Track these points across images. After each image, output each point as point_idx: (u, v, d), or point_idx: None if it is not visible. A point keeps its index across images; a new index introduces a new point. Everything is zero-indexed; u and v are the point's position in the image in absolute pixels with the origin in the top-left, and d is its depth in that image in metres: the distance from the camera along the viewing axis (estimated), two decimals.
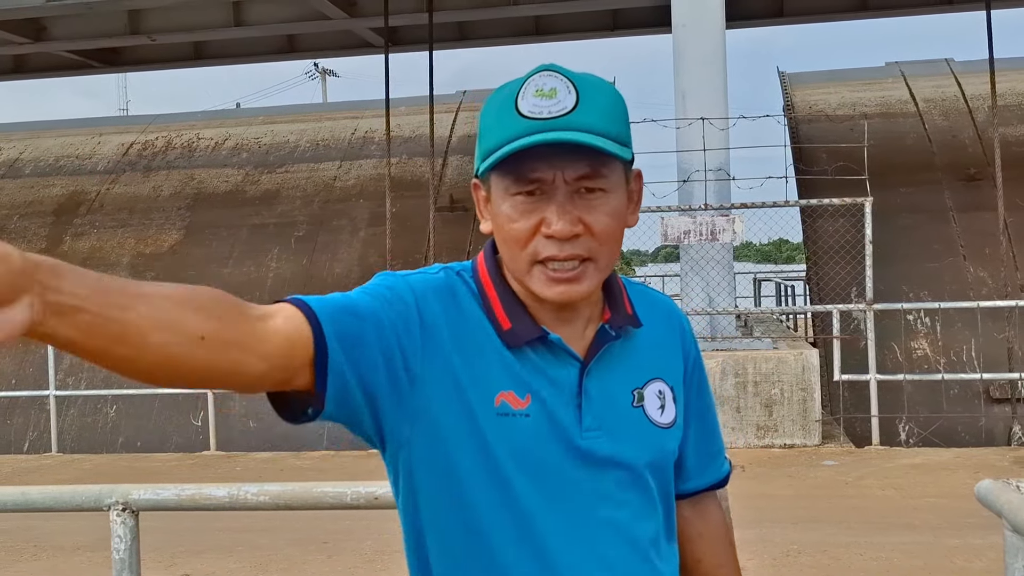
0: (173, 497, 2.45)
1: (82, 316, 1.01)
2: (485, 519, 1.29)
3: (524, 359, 1.32)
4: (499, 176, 1.30)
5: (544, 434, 1.29)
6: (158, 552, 6.16)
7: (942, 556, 5.65)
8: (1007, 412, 10.81)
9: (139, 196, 15.99)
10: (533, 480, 1.29)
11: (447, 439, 1.29)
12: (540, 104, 1.26)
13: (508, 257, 1.33)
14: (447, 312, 1.31)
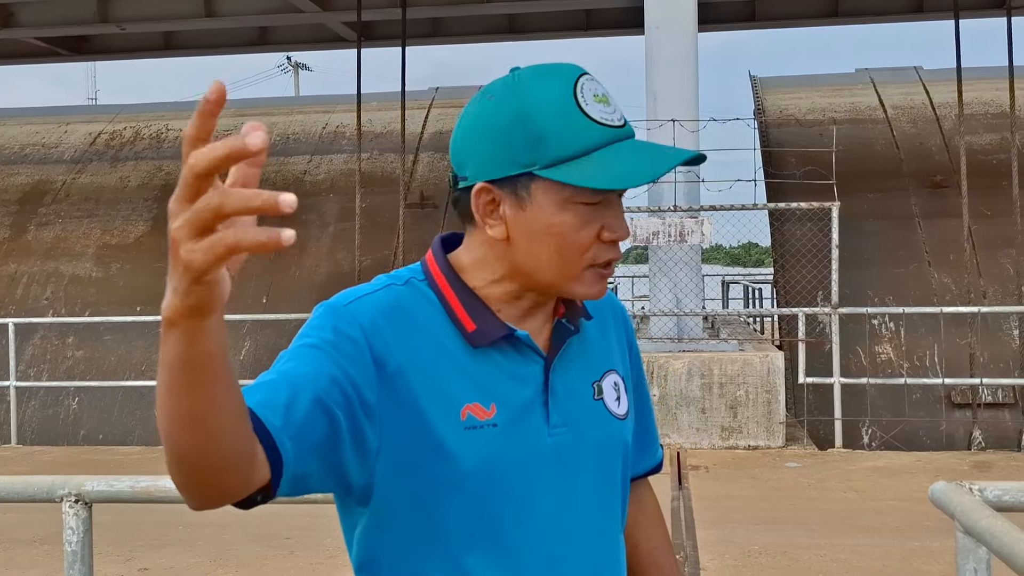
0: (128, 489, 2.42)
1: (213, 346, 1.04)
2: (456, 534, 1.28)
3: (488, 361, 1.31)
4: (560, 184, 1.26)
5: (512, 441, 1.29)
6: (116, 546, 6.10)
7: (901, 559, 5.71)
8: (968, 417, 10.94)
9: (106, 187, 15.82)
10: (505, 487, 1.29)
11: (413, 463, 1.26)
12: (605, 111, 1.27)
13: (558, 265, 1.29)
14: (398, 333, 1.28)
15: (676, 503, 7.06)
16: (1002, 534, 1.78)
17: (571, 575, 1.33)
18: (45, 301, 14.18)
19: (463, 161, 1.32)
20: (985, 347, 11.31)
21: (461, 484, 1.27)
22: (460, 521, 1.28)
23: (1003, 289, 12.02)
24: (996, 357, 11.45)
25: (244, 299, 13.58)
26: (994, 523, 1.84)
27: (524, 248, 1.30)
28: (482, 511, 1.28)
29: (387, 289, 1.34)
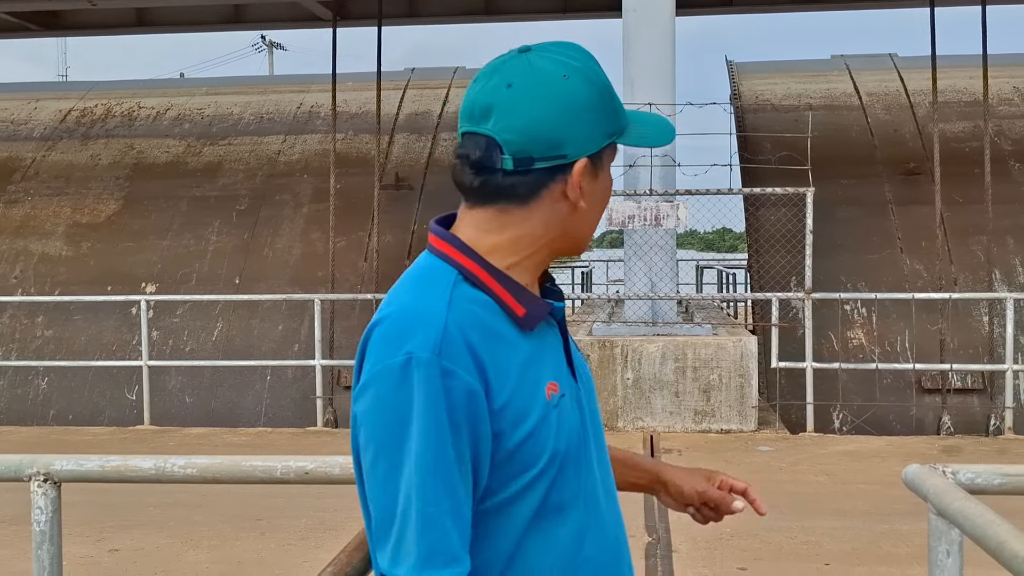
0: (97, 468, 2.38)
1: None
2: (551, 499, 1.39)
3: (539, 339, 1.42)
4: (613, 152, 1.45)
5: (573, 405, 1.44)
6: (86, 527, 6.05)
7: (870, 541, 5.76)
8: (937, 402, 11.05)
9: (76, 164, 15.62)
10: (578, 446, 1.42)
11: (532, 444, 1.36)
12: None
13: (590, 225, 1.46)
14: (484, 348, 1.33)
15: None
16: (975, 516, 1.78)
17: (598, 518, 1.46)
18: (14, 280, 14.01)
19: (562, 141, 1.37)
20: (955, 333, 11.42)
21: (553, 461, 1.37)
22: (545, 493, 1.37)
23: (974, 276, 12.13)
24: (966, 343, 11.57)
25: (216, 280, 13.48)
26: (967, 505, 1.84)
27: (588, 213, 1.43)
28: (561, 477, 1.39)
29: (452, 306, 1.35)
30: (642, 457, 1.83)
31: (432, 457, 1.27)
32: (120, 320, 12.99)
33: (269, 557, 5.63)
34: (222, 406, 12.32)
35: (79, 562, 5.42)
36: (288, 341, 12.65)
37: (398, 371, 1.29)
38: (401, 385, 1.28)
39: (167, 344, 12.80)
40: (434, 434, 1.27)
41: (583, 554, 1.42)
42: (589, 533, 1.44)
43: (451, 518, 1.28)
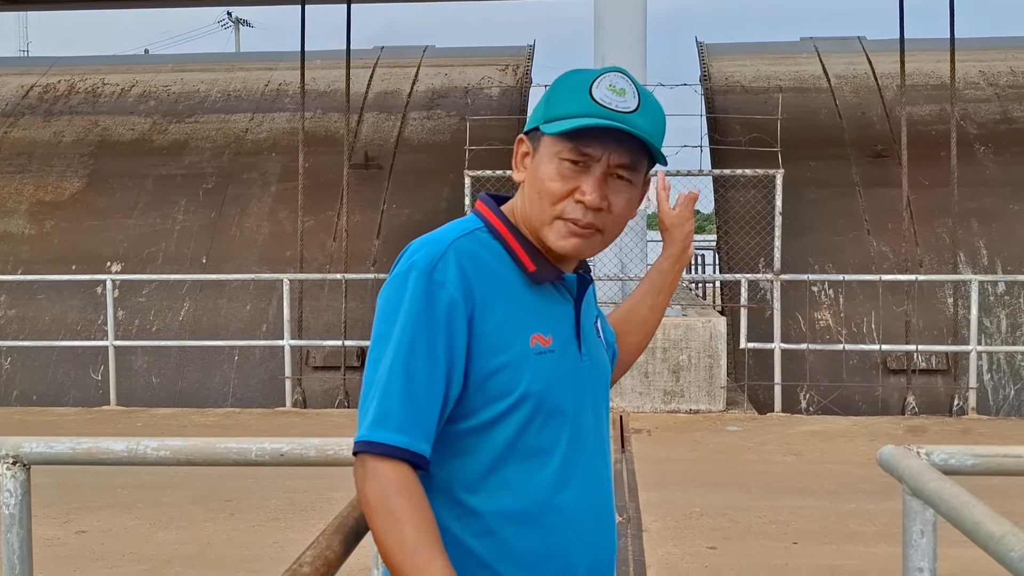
0: (67, 451, 2.35)
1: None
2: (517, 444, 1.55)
3: (545, 298, 1.62)
4: (555, 140, 1.56)
5: (563, 365, 1.61)
6: (52, 508, 5.99)
7: (837, 520, 5.83)
8: (902, 383, 11.19)
9: (39, 141, 15.36)
10: (558, 403, 1.58)
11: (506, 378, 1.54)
12: (611, 97, 1.55)
13: (536, 208, 1.59)
14: (479, 277, 1.55)
15: (619, 466, 7.12)
16: (950, 497, 1.80)
17: (595, 476, 1.65)
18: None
19: (529, 122, 1.66)
20: (920, 315, 11.55)
21: (526, 400, 1.55)
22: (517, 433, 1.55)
23: (939, 258, 12.26)
24: (931, 324, 11.71)
25: (183, 260, 13.34)
26: (943, 486, 1.86)
27: (527, 192, 1.62)
28: (536, 423, 1.56)
29: (461, 239, 1.58)
30: (639, 294, 2.08)
31: (405, 342, 1.49)
32: (85, 299, 12.83)
33: (239, 538, 5.60)
34: (189, 386, 12.22)
35: (45, 544, 5.36)
36: (256, 321, 12.55)
37: (401, 276, 1.54)
38: (400, 287, 1.53)
39: (133, 324, 12.66)
40: (411, 325, 1.50)
41: (559, 501, 1.58)
42: (570, 485, 1.59)
43: (408, 397, 1.48)
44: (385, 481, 1.45)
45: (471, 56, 16.82)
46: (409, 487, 1.46)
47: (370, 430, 1.47)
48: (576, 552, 1.60)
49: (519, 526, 1.56)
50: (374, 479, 1.45)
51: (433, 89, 15.86)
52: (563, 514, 1.58)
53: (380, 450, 1.45)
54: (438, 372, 1.50)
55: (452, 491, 1.55)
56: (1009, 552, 1.51)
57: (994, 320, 11.76)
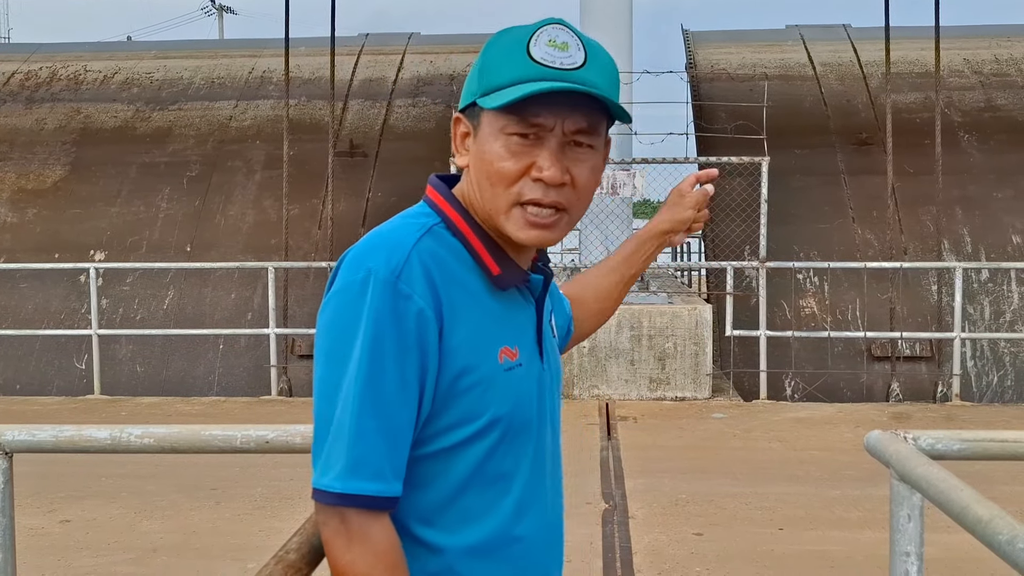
0: (50, 439, 2.32)
1: None
2: (492, 463, 1.40)
3: (509, 304, 1.43)
4: (497, 115, 1.34)
5: (529, 378, 1.44)
6: (36, 498, 5.96)
7: (822, 506, 5.85)
8: (887, 370, 11.24)
9: (20, 129, 15.23)
10: (526, 419, 1.44)
11: (475, 399, 1.37)
12: (553, 54, 1.32)
13: (488, 195, 1.37)
14: (444, 285, 1.35)
15: (605, 453, 7.13)
16: (938, 481, 1.80)
17: (552, 498, 1.52)
18: None
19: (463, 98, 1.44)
20: (905, 302, 11.59)
21: (495, 424, 1.38)
22: (483, 458, 1.39)
23: (923, 245, 12.30)
24: (915, 312, 11.76)
25: (167, 248, 13.26)
26: (930, 470, 1.86)
27: (474, 178, 1.40)
28: (503, 446, 1.40)
29: (424, 240, 1.37)
30: (612, 264, 1.92)
31: (373, 373, 1.29)
32: (68, 288, 12.74)
33: (224, 526, 5.58)
34: (174, 375, 12.17)
35: (29, 533, 5.33)
36: (241, 310, 12.50)
37: (356, 286, 1.32)
38: (356, 300, 1.31)
39: (117, 313, 12.59)
40: (378, 349, 1.29)
41: (518, 530, 1.43)
42: (529, 512, 1.45)
43: (383, 436, 1.29)
44: (376, 552, 1.30)
45: (456, 44, 16.76)
46: (400, 564, 1.32)
47: (342, 479, 1.28)
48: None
49: (480, 560, 1.40)
50: (362, 545, 1.29)
51: (418, 76, 15.80)
52: (522, 543, 1.44)
53: (358, 503, 1.28)
54: (411, 401, 1.31)
55: (407, 526, 1.38)
56: (997, 535, 1.51)
57: (978, 307, 11.82)
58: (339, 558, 1.30)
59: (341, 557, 1.30)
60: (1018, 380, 11.44)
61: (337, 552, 1.30)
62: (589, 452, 7.14)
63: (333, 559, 1.31)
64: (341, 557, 1.30)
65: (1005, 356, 11.58)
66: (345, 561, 1.30)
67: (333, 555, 1.31)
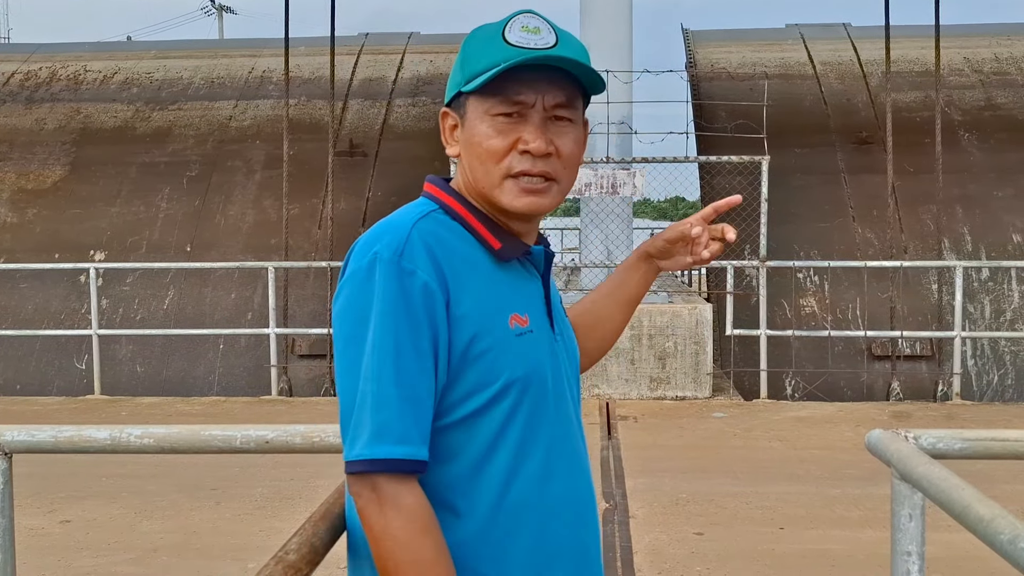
0: (50, 439, 2.32)
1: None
2: (505, 431, 1.46)
3: (514, 275, 1.53)
4: (481, 98, 1.46)
5: (541, 345, 1.52)
6: (36, 498, 5.96)
7: (823, 505, 5.85)
8: (887, 368, 11.23)
9: (20, 129, 15.23)
10: (543, 384, 1.50)
11: (488, 364, 1.44)
12: (527, 37, 1.45)
13: (481, 173, 1.49)
14: (447, 260, 1.44)
15: (605, 453, 7.13)
16: (939, 480, 1.79)
17: (566, 464, 1.54)
18: None
19: (447, 91, 1.55)
20: (905, 301, 11.59)
21: (510, 387, 1.45)
22: (503, 423, 1.45)
23: (923, 244, 12.30)
24: (915, 311, 11.75)
25: (167, 248, 13.27)
26: (931, 470, 1.85)
27: (466, 163, 1.52)
28: (522, 411, 1.46)
29: (422, 221, 1.47)
30: (616, 277, 1.91)
31: (389, 345, 1.38)
32: (68, 288, 12.74)
33: (225, 527, 5.58)
34: (174, 375, 12.17)
35: (29, 534, 5.33)
36: (241, 309, 12.50)
37: (364, 271, 1.41)
38: (365, 283, 1.41)
39: (117, 313, 12.59)
40: (391, 324, 1.38)
41: (546, 495, 1.49)
42: (555, 478, 1.51)
43: (406, 403, 1.37)
44: (408, 515, 1.36)
45: (456, 43, 16.72)
46: (433, 525, 1.38)
47: (370, 446, 1.36)
48: (564, 543, 1.52)
49: (509, 524, 1.45)
50: (395, 510, 1.35)
51: (418, 76, 15.80)
52: (551, 506, 1.50)
53: (385, 467, 1.35)
54: (427, 369, 1.40)
55: (438, 495, 1.43)
56: (999, 535, 1.51)
57: (978, 306, 11.82)
58: (373, 524, 1.37)
59: (376, 523, 1.36)
60: (1019, 379, 11.44)
61: (371, 519, 1.37)
62: (589, 451, 7.12)
63: (368, 526, 1.38)
64: (376, 523, 1.36)
65: (1006, 355, 11.58)
66: (379, 527, 1.36)
67: (368, 523, 1.37)
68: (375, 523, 1.36)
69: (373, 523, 1.37)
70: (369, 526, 1.37)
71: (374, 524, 1.37)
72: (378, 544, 1.37)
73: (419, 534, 1.35)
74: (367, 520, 1.37)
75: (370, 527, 1.37)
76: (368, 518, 1.37)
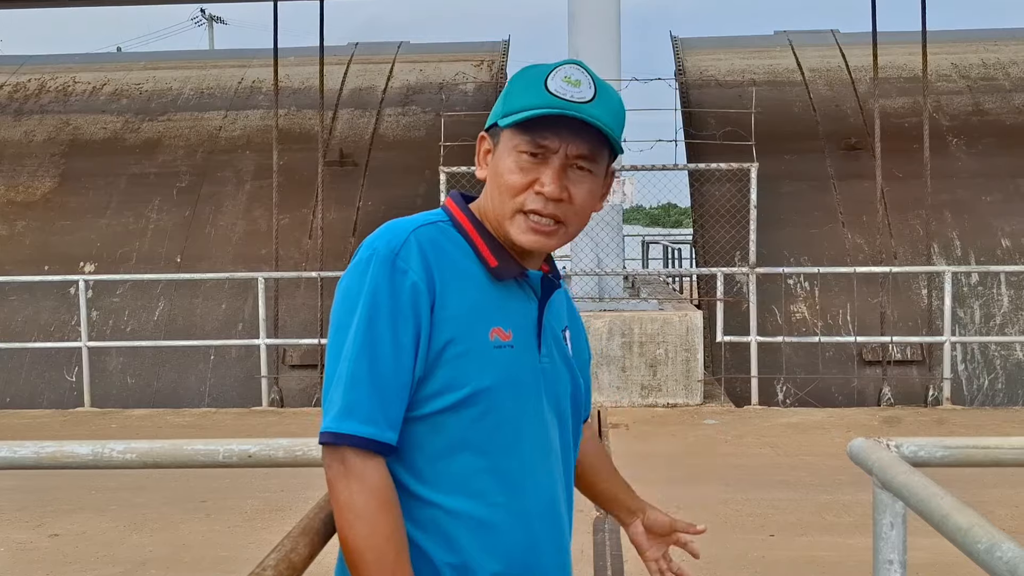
0: (32, 455, 2.31)
1: None
2: (468, 439, 1.54)
3: (507, 293, 1.60)
4: (513, 134, 1.56)
5: (521, 362, 1.58)
6: (25, 512, 5.94)
7: (814, 512, 5.85)
8: (878, 374, 11.26)
9: (9, 141, 15.20)
10: (513, 400, 1.56)
11: (460, 368, 1.53)
12: (566, 88, 1.53)
13: (498, 202, 1.59)
14: (439, 263, 1.54)
15: None
16: (919, 489, 1.80)
17: (544, 482, 1.62)
18: None
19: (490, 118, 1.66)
20: (895, 306, 11.62)
21: (478, 395, 1.53)
22: (467, 427, 1.54)
23: (913, 249, 12.34)
24: (905, 316, 11.78)
25: (157, 259, 13.24)
26: (911, 478, 1.86)
27: (489, 187, 1.62)
28: (488, 419, 1.54)
29: (424, 227, 1.58)
30: (632, 496, 2.00)
31: (369, 332, 1.49)
32: (58, 300, 12.71)
33: (215, 539, 5.56)
34: (165, 387, 12.14)
35: (17, 548, 5.31)
36: (231, 320, 12.48)
37: (362, 264, 1.53)
38: (361, 275, 1.52)
39: (107, 324, 12.56)
40: (375, 314, 1.49)
41: (504, 508, 1.56)
42: (521, 495, 1.58)
43: (375, 387, 1.48)
44: (371, 486, 1.47)
45: (446, 52, 16.79)
46: (392, 503, 1.48)
47: (337, 420, 1.48)
48: (527, 555, 1.59)
49: (460, 521, 1.55)
50: (359, 481, 1.47)
51: (408, 85, 15.81)
52: (516, 516, 1.57)
53: (350, 442, 1.46)
54: (404, 360, 1.50)
55: (400, 479, 1.54)
56: (976, 544, 1.51)
57: (968, 311, 11.86)
58: (339, 494, 1.48)
59: (341, 493, 1.48)
60: (1009, 383, 11.47)
61: (337, 489, 1.48)
62: None
63: (334, 496, 1.49)
64: (341, 493, 1.48)
65: (996, 359, 11.61)
66: (344, 498, 1.47)
67: (334, 493, 1.49)
68: (340, 493, 1.48)
69: (339, 493, 1.48)
70: (335, 496, 1.48)
71: (339, 494, 1.48)
72: (340, 514, 1.48)
73: (378, 509, 1.46)
74: (333, 489, 1.49)
75: (336, 497, 1.48)
76: (334, 488, 1.48)
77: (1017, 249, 12.37)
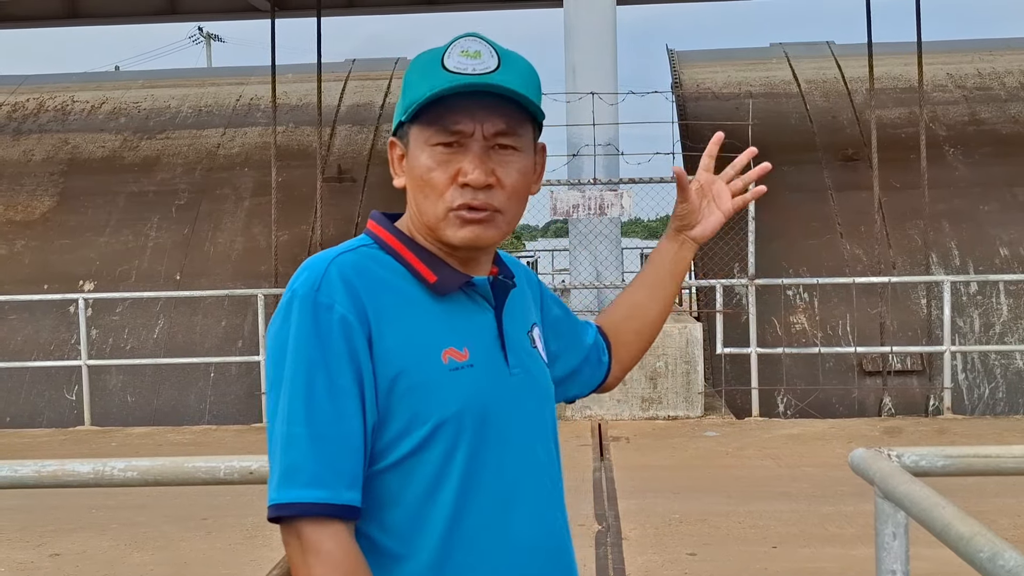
0: (32, 474, 2.31)
1: None
2: (442, 470, 1.37)
3: (454, 309, 1.43)
4: (421, 128, 1.40)
5: (486, 380, 1.42)
6: (26, 531, 5.92)
7: (816, 523, 5.84)
8: (878, 384, 11.25)
9: (8, 160, 15.23)
10: (482, 423, 1.40)
11: (417, 402, 1.37)
12: (465, 62, 1.37)
13: (425, 207, 1.42)
14: (369, 292, 1.37)
15: (598, 474, 7.11)
16: (921, 499, 1.80)
17: (538, 508, 1.46)
18: None
19: None
20: (895, 316, 11.62)
21: (445, 425, 1.36)
22: (441, 466, 1.37)
23: (911, 259, 12.35)
24: (905, 326, 11.79)
25: (156, 277, 13.25)
26: (912, 488, 1.86)
27: (411, 194, 1.45)
28: (461, 452, 1.38)
29: (343, 255, 1.41)
30: (652, 268, 1.87)
31: (302, 384, 1.32)
32: (57, 319, 12.71)
33: (216, 557, 5.54)
34: (165, 404, 12.12)
35: (18, 568, 5.29)
36: (231, 337, 12.47)
37: (283, 310, 1.37)
38: (284, 323, 1.36)
39: (107, 343, 12.55)
40: (303, 361, 1.32)
41: (507, 534, 1.41)
42: (515, 518, 1.42)
43: (316, 443, 1.30)
44: (329, 562, 1.28)
45: None
46: (358, 572, 1.30)
47: (279, 490, 1.30)
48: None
49: (461, 566, 1.38)
50: (315, 556, 1.28)
51: None
52: (513, 545, 1.42)
53: (300, 511, 1.28)
54: (348, 405, 1.32)
55: (377, 542, 1.37)
56: (978, 553, 1.51)
57: (967, 320, 11.86)
58: (297, 573, 1.31)
59: (299, 572, 1.30)
60: (1009, 392, 11.47)
61: (296, 567, 1.31)
62: (582, 473, 7.11)
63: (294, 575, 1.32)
64: (299, 572, 1.30)
65: (996, 368, 11.61)
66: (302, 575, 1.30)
67: (294, 571, 1.32)
68: (297, 571, 1.31)
69: (297, 572, 1.31)
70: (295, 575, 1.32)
71: (298, 573, 1.31)
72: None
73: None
74: (293, 568, 1.32)
75: None
76: (293, 566, 1.31)
77: (1015, 258, 12.38)
